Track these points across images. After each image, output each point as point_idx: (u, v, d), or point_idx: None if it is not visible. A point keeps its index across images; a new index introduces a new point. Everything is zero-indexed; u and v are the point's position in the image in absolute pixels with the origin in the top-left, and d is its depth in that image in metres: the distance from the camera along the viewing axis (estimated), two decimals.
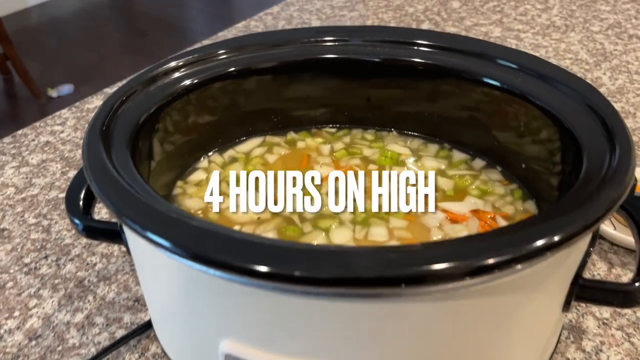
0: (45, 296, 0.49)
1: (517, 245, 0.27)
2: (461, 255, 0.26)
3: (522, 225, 0.29)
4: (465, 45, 0.42)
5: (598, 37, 0.89)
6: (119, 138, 0.36)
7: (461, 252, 0.27)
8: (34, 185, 0.61)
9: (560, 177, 0.37)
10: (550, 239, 0.27)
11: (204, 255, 0.27)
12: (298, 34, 0.48)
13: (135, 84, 0.40)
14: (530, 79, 0.39)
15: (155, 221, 0.29)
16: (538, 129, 0.39)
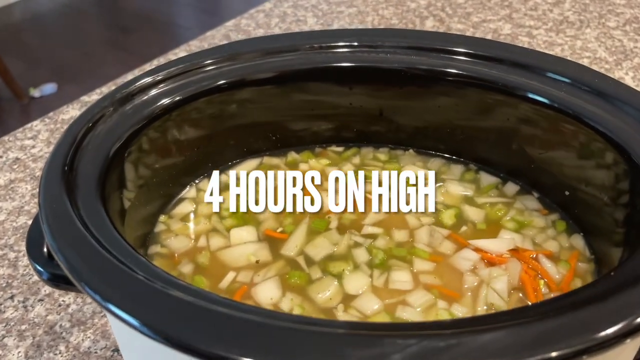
0: (11, 346, 0.42)
1: (590, 332, 0.20)
2: (519, 345, 0.20)
3: (593, 297, 0.22)
4: (500, 52, 0.36)
5: (616, 34, 0.83)
6: (85, 175, 0.29)
7: (519, 339, 0.20)
8: (0, 210, 0.54)
9: (627, 211, 0.31)
10: (630, 323, 0.21)
11: (180, 341, 0.21)
12: (299, 38, 0.41)
13: (105, 104, 0.33)
14: (579, 92, 0.33)
15: (121, 291, 0.23)
16: (592, 151, 0.33)
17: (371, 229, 0.36)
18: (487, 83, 0.35)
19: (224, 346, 0.20)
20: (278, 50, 0.39)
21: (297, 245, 0.35)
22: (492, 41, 0.36)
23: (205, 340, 0.20)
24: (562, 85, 0.33)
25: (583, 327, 0.21)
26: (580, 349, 0.20)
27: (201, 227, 0.37)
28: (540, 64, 0.34)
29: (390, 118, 0.43)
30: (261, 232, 0.37)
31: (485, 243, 0.35)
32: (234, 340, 0.20)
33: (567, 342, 0.20)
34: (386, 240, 0.36)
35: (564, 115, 0.32)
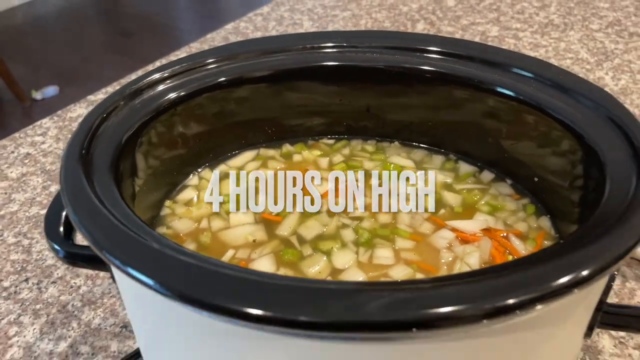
0: (26, 323, 0.46)
1: (541, 283, 0.24)
2: (478, 295, 0.24)
3: (545, 257, 0.26)
4: (474, 52, 0.39)
5: (598, 36, 0.87)
6: (100, 160, 0.32)
7: (478, 291, 0.24)
8: (13, 201, 0.58)
9: (581, 193, 0.35)
10: (577, 275, 0.24)
11: (191, 296, 0.24)
12: (292, 40, 0.44)
13: (117, 98, 0.36)
14: (545, 88, 0.37)
15: (138, 256, 0.26)
16: (555, 140, 0.36)
17: (358, 212, 0.40)
18: (459, 79, 0.39)
19: (227, 299, 0.24)
20: (272, 50, 0.43)
21: (291, 227, 0.39)
22: (463, 40, 0.40)
23: (213, 295, 0.24)
24: (526, 80, 0.36)
25: (535, 280, 0.24)
26: (533, 297, 0.24)
27: (203, 211, 0.41)
28: (507, 61, 0.37)
29: (376, 113, 0.46)
30: (258, 215, 0.40)
31: (460, 224, 0.38)
32: (236, 294, 0.24)
33: (521, 292, 0.24)
34: (371, 222, 0.39)
35: (529, 107, 0.36)
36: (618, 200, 0.29)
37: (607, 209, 0.29)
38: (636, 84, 0.75)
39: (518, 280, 0.24)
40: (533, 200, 0.41)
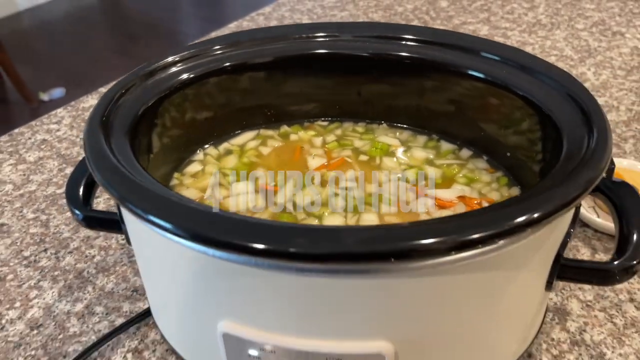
0: (46, 287, 0.50)
1: (500, 222, 0.28)
2: (447, 231, 0.28)
3: (505, 204, 0.30)
4: (450, 39, 0.44)
5: (583, 35, 0.91)
6: (118, 128, 0.37)
7: (447, 228, 0.28)
8: (31, 182, 0.62)
9: (542, 164, 0.39)
10: (530, 216, 0.29)
11: (203, 235, 0.29)
12: (290, 30, 0.49)
13: (134, 78, 0.41)
14: (513, 70, 0.41)
15: (156, 205, 0.30)
16: (521, 118, 0.41)
17: (348, 184, 0.44)
18: (434, 64, 0.43)
19: (232, 237, 0.28)
20: (272, 38, 0.48)
21: (287, 196, 0.43)
22: (438, 29, 0.44)
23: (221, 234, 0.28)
24: (494, 63, 0.41)
25: (495, 220, 0.29)
26: (494, 233, 0.28)
27: (208, 182, 0.45)
28: (476, 46, 0.42)
29: (366, 98, 0.51)
30: (257, 185, 0.45)
31: (439, 192, 0.43)
32: (239, 233, 0.28)
33: (483, 228, 0.28)
34: (359, 191, 0.44)
35: (496, 87, 0.40)
36: (571, 162, 0.34)
37: (562, 169, 0.33)
38: (616, 79, 0.79)
39: (481, 221, 0.29)
40: (506, 174, 0.45)
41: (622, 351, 0.44)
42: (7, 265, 0.52)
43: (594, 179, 0.31)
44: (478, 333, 0.35)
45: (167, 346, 0.44)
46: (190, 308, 0.36)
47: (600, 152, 0.33)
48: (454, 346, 0.34)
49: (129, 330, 0.46)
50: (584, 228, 0.54)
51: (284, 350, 0.33)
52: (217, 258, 0.30)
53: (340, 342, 0.32)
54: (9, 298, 0.49)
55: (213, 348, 0.36)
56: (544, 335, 0.45)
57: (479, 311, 0.33)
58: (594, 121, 0.35)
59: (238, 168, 0.46)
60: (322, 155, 0.48)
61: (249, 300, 0.32)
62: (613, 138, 0.66)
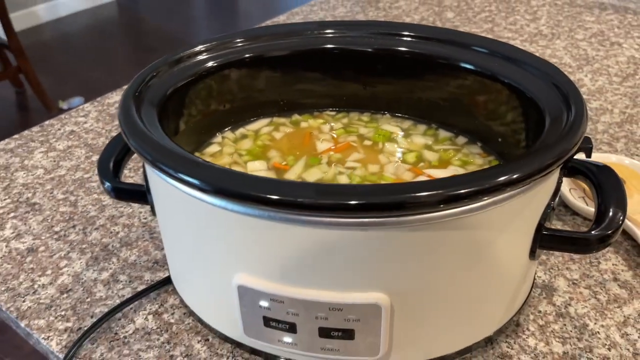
0: (74, 258, 0.55)
1: (483, 181, 0.33)
2: (436, 187, 0.32)
3: (489, 169, 0.35)
4: (445, 35, 0.49)
5: (582, 44, 0.96)
6: (148, 104, 0.42)
7: (437, 184, 0.32)
8: (61, 167, 0.67)
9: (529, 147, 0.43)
10: (510, 177, 0.33)
11: (225, 188, 0.33)
12: (302, 26, 0.54)
13: (162, 64, 0.46)
14: (501, 62, 0.46)
15: (184, 164, 0.35)
16: (509, 104, 0.45)
17: (352, 164, 0.49)
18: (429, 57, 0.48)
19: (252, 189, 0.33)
20: (286, 34, 0.53)
21: (297, 173, 0.48)
22: (432, 26, 0.49)
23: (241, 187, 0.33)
24: (483, 55, 0.45)
25: (479, 180, 0.33)
26: (478, 189, 0.32)
27: (225, 161, 0.50)
28: (466, 41, 0.47)
29: (371, 90, 0.55)
30: (270, 164, 0.49)
31: (434, 171, 0.47)
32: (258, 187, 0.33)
33: (469, 185, 0.32)
34: (362, 170, 0.48)
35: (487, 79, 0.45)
36: (552, 137, 0.38)
37: (541, 143, 0.38)
38: (611, 85, 0.83)
39: (467, 180, 0.33)
40: (497, 158, 0.49)
41: (604, 323, 0.47)
42: (39, 239, 0.57)
43: (568, 150, 0.35)
44: (466, 291, 0.39)
45: (184, 310, 0.49)
46: (209, 264, 0.40)
47: (576, 128, 0.37)
48: (444, 302, 0.38)
49: (149, 295, 0.50)
50: (574, 216, 0.58)
51: (292, 300, 0.37)
52: (236, 212, 0.35)
53: (342, 293, 0.37)
54: (41, 267, 0.54)
55: (228, 302, 0.40)
56: (531, 308, 0.48)
57: (466, 269, 0.37)
58: (571, 101, 0.39)
59: (253, 150, 0.51)
60: (330, 140, 0.52)
61: (262, 253, 0.36)
62: (606, 138, 0.70)
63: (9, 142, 0.72)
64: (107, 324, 0.48)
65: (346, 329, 0.38)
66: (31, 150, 0.70)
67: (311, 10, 1.11)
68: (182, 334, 0.47)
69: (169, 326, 0.47)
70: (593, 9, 1.09)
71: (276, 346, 0.41)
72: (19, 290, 0.51)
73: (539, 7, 1.11)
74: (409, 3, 1.13)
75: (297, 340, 0.39)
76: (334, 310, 0.37)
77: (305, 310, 0.37)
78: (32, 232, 0.58)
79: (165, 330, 0.47)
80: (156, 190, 0.42)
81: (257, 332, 0.40)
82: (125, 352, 0.45)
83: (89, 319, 0.48)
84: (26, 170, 0.67)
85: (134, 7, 3.54)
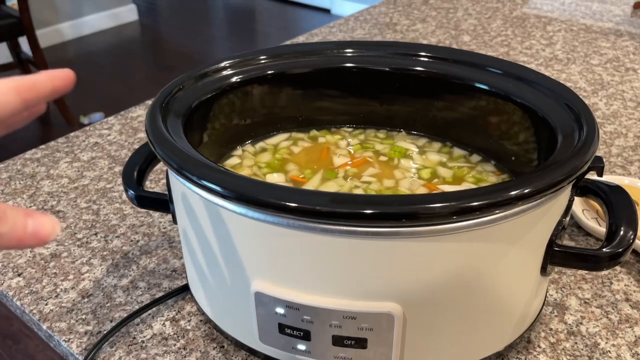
0: (96, 264, 0.56)
1: (495, 194, 0.34)
2: (450, 199, 0.33)
3: (501, 184, 0.36)
4: (461, 57, 0.50)
5: (597, 69, 0.97)
6: (174, 115, 0.44)
7: (450, 197, 0.34)
8: (84, 177, 0.69)
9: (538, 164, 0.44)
10: (521, 191, 0.34)
11: (246, 195, 0.35)
12: (322, 46, 0.56)
13: (187, 78, 0.48)
14: (517, 83, 0.47)
15: (208, 172, 0.37)
16: (522, 124, 0.46)
17: (368, 178, 0.50)
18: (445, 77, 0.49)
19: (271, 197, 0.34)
20: (307, 52, 0.54)
21: (314, 186, 0.49)
22: (447, 47, 0.50)
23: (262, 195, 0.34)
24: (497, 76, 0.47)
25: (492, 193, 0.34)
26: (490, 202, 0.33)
27: (245, 173, 0.51)
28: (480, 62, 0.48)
29: (387, 108, 0.57)
30: (288, 177, 0.51)
31: (448, 187, 0.48)
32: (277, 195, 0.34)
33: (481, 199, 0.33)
34: (378, 185, 0.49)
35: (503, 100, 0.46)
36: (564, 155, 0.39)
37: (555, 160, 0.39)
38: (626, 109, 0.84)
39: (479, 193, 0.34)
40: (511, 176, 0.50)
41: (615, 342, 0.47)
42: (62, 245, 0.59)
43: (579, 167, 0.36)
44: (477, 304, 0.39)
45: (201, 317, 0.50)
46: (227, 271, 0.41)
47: (587, 146, 0.38)
48: (456, 315, 0.39)
49: (167, 302, 0.51)
50: (587, 237, 0.59)
51: (307, 308, 0.38)
52: (256, 220, 0.36)
53: (356, 302, 0.38)
54: (63, 271, 0.55)
55: (244, 308, 0.41)
56: (542, 325, 0.49)
57: (478, 282, 0.38)
58: (583, 120, 0.40)
59: (272, 163, 0.52)
60: (346, 155, 0.53)
61: (280, 261, 0.38)
62: (620, 161, 0.71)
63: (36, 152, 0.75)
64: (125, 328, 0.49)
65: (359, 338, 0.39)
66: (57, 160, 0.73)
67: (330, 31, 1.14)
68: (198, 340, 0.48)
69: (185, 332, 0.48)
70: (609, 35, 1.11)
71: (290, 353, 0.41)
72: (42, 293, 0.53)
73: (554, 32, 1.12)
74: (425, 26, 1.15)
75: (310, 347, 0.40)
76: (347, 318, 0.38)
77: (319, 317, 0.38)
78: (56, 239, 0.60)
79: (182, 336, 0.48)
80: (178, 198, 0.43)
81: (272, 339, 0.41)
82: (142, 356, 0.46)
83: (108, 323, 0.49)
84: (51, 179, 0.69)
85: (155, 27, 3.62)
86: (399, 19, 1.19)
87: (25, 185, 0.68)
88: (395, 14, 1.22)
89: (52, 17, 3.24)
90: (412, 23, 1.17)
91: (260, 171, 0.52)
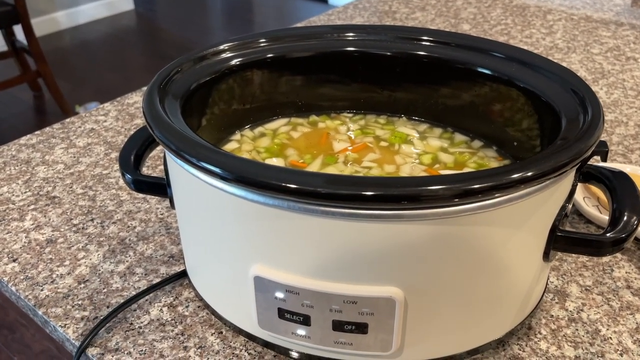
0: (92, 250, 0.56)
1: (497, 177, 0.33)
2: (452, 181, 0.33)
3: (504, 167, 0.35)
4: (462, 40, 0.49)
5: (597, 58, 0.96)
6: (172, 97, 0.43)
7: (452, 179, 0.33)
8: (80, 163, 0.69)
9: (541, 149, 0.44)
10: (524, 174, 0.33)
11: (246, 177, 0.34)
12: (322, 29, 0.55)
13: (186, 60, 0.47)
14: (520, 68, 0.46)
15: (207, 154, 0.36)
16: (525, 108, 0.46)
17: (368, 163, 0.49)
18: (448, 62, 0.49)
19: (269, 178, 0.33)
20: (307, 36, 0.54)
21: (313, 170, 0.48)
22: (449, 32, 0.50)
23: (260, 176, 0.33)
24: (500, 60, 0.46)
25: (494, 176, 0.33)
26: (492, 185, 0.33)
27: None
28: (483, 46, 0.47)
29: (388, 93, 0.56)
30: (287, 162, 0.50)
31: (449, 172, 0.47)
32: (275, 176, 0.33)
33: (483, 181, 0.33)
34: (378, 170, 0.49)
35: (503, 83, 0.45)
36: (568, 138, 0.38)
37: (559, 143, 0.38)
38: (627, 98, 0.83)
39: (482, 175, 0.34)
40: (512, 161, 0.50)
41: (617, 329, 0.47)
42: (58, 231, 0.58)
43: (584, 150, 0.36)
44: (479, 289, 0.39)
45: (199, 303, 0.49)
46: (226, 255, 0.41)
47: (592, 129, 0.37)
48: (457, 300, 0.39)
49: (165, 288, 0.51)
50: (587, 224, 0.58)
51: (307, 292, 0.38)
52: (255, 202, 0.36)
53: (357, 286, 0.37)
54: (59, 257, 0.55)
55: (243, 293, 0.41)
56: (543, 312, 0.48)
57: (480, 266, 0.38)
58: (587, 103, 0.39)
59: (271, 147, 0.52)
60: (346, 140, 0.53)
61: (279, 244, 0.37)
62: (620, 149, 0.70)
63: (31, 137, 0.74)
64: (122, 314, 0.48)
65: (360, 323, 0.38)
66: (52, 146, 0.72)
67: (329, 19, 1.13)
68: (196, 326, 0.47)
69: (183, 318, 0.48)
70: (609, 24, 1.10)
71: (289, 339, 0.41)
72: (37, 279, 0.52)
73: (554, 21, 1.12)
74: (425, 14, 1.14)
75: (310, 333, 0.40)
76: (348, 303, 0.37)
77: (320, 302, 0.38)
78: (52, 224, 0.59)
79: (180, 322, 0.48)
80: (177, 181, 0.43)
81: (271, 324, 0.41)
82: (140, 341, 0.46)
83: (105, 308, 0.49)
84: (47, 165, 0.68)
85: (152, 16, 3.59)
86: (398, 7, 1.18)
87: (20, 171, 0.67)
88: (395, 2, 1.21)
89: (47, 5, 3.21)
90: (412, 11, 1.16)
91: (259, 156, 0.51)
